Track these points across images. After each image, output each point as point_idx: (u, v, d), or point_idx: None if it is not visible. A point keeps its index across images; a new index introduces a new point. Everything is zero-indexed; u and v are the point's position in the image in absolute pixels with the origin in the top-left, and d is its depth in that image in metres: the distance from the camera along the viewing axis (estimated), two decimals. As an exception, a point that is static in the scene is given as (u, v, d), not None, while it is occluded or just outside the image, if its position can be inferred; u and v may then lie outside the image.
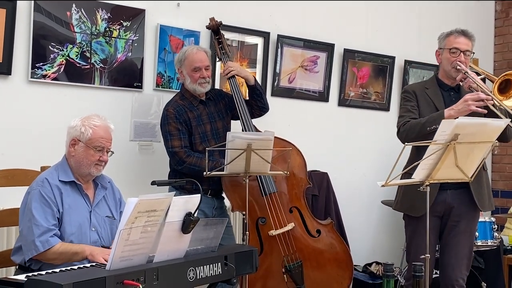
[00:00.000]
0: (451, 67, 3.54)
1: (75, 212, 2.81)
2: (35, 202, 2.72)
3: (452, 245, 3.50)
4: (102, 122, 2.90)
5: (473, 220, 3.58)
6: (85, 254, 2.69)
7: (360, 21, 5.19)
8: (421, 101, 3.57)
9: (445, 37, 3.62)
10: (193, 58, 3.69)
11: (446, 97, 3.58)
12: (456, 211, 3.49)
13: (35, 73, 3.60)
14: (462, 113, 3.31)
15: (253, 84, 3.86)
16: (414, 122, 3.44)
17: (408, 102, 3.59)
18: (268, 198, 3.71)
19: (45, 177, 2.80)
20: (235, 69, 3.85)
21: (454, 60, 3.53)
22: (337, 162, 5.01)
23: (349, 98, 5.13)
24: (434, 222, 3.48)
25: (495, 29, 6.18)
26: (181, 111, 3.66)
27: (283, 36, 4.69)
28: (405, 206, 3.59)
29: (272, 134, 3.40)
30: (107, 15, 3.86)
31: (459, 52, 3.53)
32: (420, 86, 3.69)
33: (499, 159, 5.97)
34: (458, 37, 3.57)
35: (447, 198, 3.46)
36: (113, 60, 3.90)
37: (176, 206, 2.33)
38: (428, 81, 3.73)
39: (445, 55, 3.58)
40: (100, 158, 2.86)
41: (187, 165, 3.57)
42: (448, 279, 3.49)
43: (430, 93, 3.59)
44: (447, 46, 3.57)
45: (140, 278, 2.17)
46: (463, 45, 3.56)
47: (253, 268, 2.72)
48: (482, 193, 3.51)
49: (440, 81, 3.63)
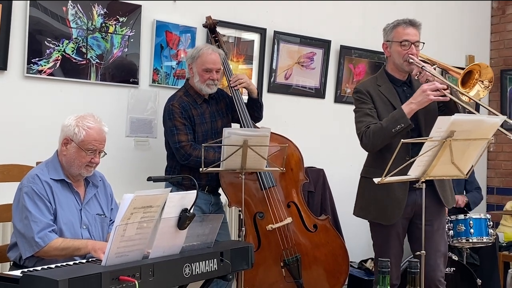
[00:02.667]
0: (403, 60, 3.34)
1: (66, 209, 2.79)
2: (29, 199, 2.69)
3: (430, 246, 3.33)
4: (96, 124, 2.84)
5: (443, 218, 3.48)
6: (88, 249, 2.68)
7: (356, 18, 5.19)
8: (377, 101, 3.38)
9: (392, 29, 3.41)
10: (207, 59, 3.67)
11: (400, 93, 3.39)
12: (427, 211, 3.28)
13: (31, 69, 3.59)
14: (422, 104, 3.18)
15: (256, 97, 3.87)
16: (376, 128, 3.27)
17: (364, 104, 3.39)
18: (268, 192, 3.72)
19: (36, 174, 2.77)
20: (245, 81, 3.84)
21: (405, 53, 3.32)
22: (333, 158, 5.01)
23: (346, 95, 5.13)
24: (404, 225, 3.39)
25: (491, 26, 6.19)
26: (186, 107, 3.65)
27: (280, 33, 4.68)
28: (375, 214, 3.43)
29: (268, 130, 3.40)
30: (103, 11, 3.85)
31: (410, 44, 3.33)
32: (372, 83, 3.47)
33: (494, 156, 5.98)
34: (406, 28, 3.36)
35: (417, 198, 3.27)
36: (109, 56, 3.89)
37: (172, 202, 2.33)
38: (379, 77, 3.50)
39: (394, 48, 3.37)
40: (91, 160, 2.82)
41: (194, 158, 3.54)
42: (430, 280, 3.35)
43: (384, 91, 3.39)
44: (396, 39, 3.36)
45: (136, 274, 2.17)
46: (413, 36, 3.34)
47: (249, 264, 2.73)
48: (446, 188, 3.39)
49: (391, 76, 3.44)
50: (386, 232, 3.38)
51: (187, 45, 4.20)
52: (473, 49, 6.02)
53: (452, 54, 5.74)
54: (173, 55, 4.17)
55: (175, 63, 4.18)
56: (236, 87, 3.80)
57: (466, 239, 4.44)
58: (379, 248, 3.48)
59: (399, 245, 3.41)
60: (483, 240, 4.50)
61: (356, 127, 3.42)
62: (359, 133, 3.39)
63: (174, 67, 4.18)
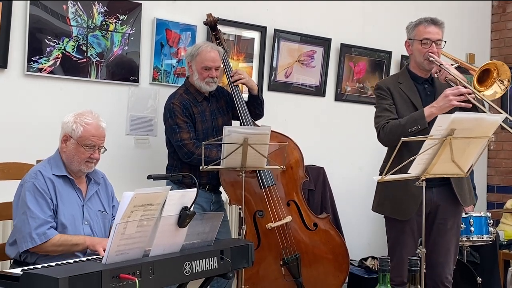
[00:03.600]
0: (424, 58, 3.39)
1: (68, 205, 2.81)
2: (30, 195, 2.71)
3: (441, 244, 3.41)
4: (93, 120, 2.86)
5: (458, 216, 3.51)
6: (85, 245, 2.71)
7: (357, 16, 5.19)
8: (396, 97, 3.42)
9: (414, 27, 3.46)
10: (206, 57, 3.66)
11: (421, 91, 3.43)
12: (442, 210, 3.40)
13: (31, 67, 3.59)
14: (443, 109, 3.18)
15: (256, 94, 3.87)
16: (394, 124, 3.30)
17: (384, 100, 3.43)
18: (267, 191, 3.72)
19: (39, 170, 2.79)
20: (245, 77, 3.84)
21: (426, 52, 3.37)
22: (333, 157, 5.01)
23: (346, 93, 5.13)
24: (419, 222, 3.42)
25: (492, 24, 6.18)
26: (187, 105, 3.65)
27: (280, 31, 4.68)
28: (390, 210, 3.45)
29: (269, 128, 3.40)
30: (104, 9, 3.85)
31: (431, 43, 3.37)
32: (393, 80, 3.52)
33: (494, 154, 5.98)
34: (428, 26, 3.40)
35: (433, 196, 3.36)
36: (109, 54, 3.89)
37: (172, 200, 2.33)
38: (401, 75, 3.56)
39: (416, 46, 3.42)
40: (91, 156, 2.84)
41: (197, 156, 3.53)
42: (438, 276, 3.42)
43: (405, 88, 3.43)
44: (417, 37, 3.41)
45: (136, 272, 2.17)
46: (434, 34, 3.39)
47: (249, 262, 2.72)
48: (463, 188, 3.41)
49: (413, 74, 3.48)
50: (401, 227, 3.39)
51: (187, 43, 4.20)
52: (473, 48, 6.01)
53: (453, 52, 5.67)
54: (173, 53, 4.17)
55: (175, 61, 4.18)
56: (235, 83, 3.80)
57: (467, 237, 4.43)
58: (392, 245, 3.51)
59: (413, 243, 3.40)
60: (484, 238, 4.50)
61: (375, 121, 3.46)
62: (377, 127, 3.42)
63: (174, 65, 4.18)
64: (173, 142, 3.63)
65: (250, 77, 4.12)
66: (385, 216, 3.56)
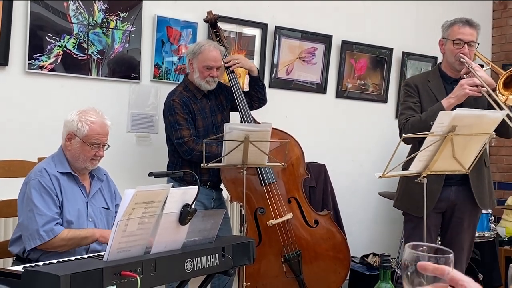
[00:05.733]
0: (455, 59, 3.38)
1: (73, 202, 2.83)
2: (36, 192, 2.72)
3: (456, 242, 3.45)
4: (98, 118, 2.89)
5: (476, 216, 3.53)
6: (95, 237, 2.75)
7: (358, 13, 5.18)
8: (423, 95, 3.43)
9: (448, 27, 3.44)
10: (208, 56, 3.65)
11: (449, 91, 3.40)
12: (460, 208, 3.42)
13: (32, 64, 3.59)
14: (460, 98, 3.22)
15: (257, 75, 3.86)
16: (415, 120, 3.31)
17: (410, 98, 3.44)
18: (268, 188, 3.72)
19: (43, 167, 2.81)
20: (240, 61, 3.84)
21: (457, 52, 3.36)
22: (334, 153, 5.01)
23: (347, 90, 5.12)
24: (437, 219, 3.44)
25: (493, 20, 6.17)
26: (187, 102, 3.64)
27: (281, 28, 4.68)
28: (407, 205, 3.50)
29: (270, 125, 3.39)
30: (104, 6, 3.84)
31: (463, 44, 3.36)
32: (423, 79, 3.53)
33: (496, 151, 5.98)
34: (462, 27, 3.38)
35: (451, 195, 3.39)
36: (110, 51, 3.89)
37: (173, 198, 2.33)
38: (431, 73, 3.57)
39: (448, 46, 3.42)
40: (96, 154, 2.87)
41: (197, 152, 3.53)
42: None
43: (433, 87, 3.44)
44: (451, 37, 3.40)
45: (138, 269, 2.17)
46: (468, 35, 3.37)
47: (251, 259, 2.72)
48: (483, 191, 3.42)
49: (443, 73, 3.48)
50: (416, 223, 3.38)
51: (188, 40, 4.20)
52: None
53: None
54: (174, 51, 4.16)
55: (176, 58, 4.18)
56: (231, 68, 3.79)
57: (468, 234, 4.43)
58: (407, 241, 3.54)
59: (429, 240, 3.38)
60: (485, 235, 4.50)
61: (399, 119, 3.49)
62: (399, 124, 3.44)
63: (175, 63, 4.18)
64: (173, 139, 3.63)
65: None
66: (403, 213, 3.60)
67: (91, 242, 2.76)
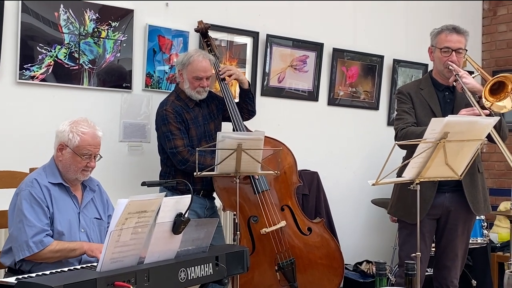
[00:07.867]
0: (444, 67, 3.40)
1: (65, 213, 2.82)
2: (26, 203, 2.71)
3: (450, 248, 3.46)
4: (90, 129, 2.87)
5: (470, 223, 3.54)
6: (83, 250, 2.73)
7: (348, 21, 5.20)
8: (416, 102, 3.45)
9: (436, 35, 3.47)
10: (198, 67, 3.64)
11: (441, 99, 3.45)
12: (454, 215, 3.42)
13: (23, 74, 3.58)
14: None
15: (248, 88, 3.86)
16: (412, 130, 3.31)
17: (404, 104, 3.47)
18: (261, 196, 3.71)
19: (34, 178, 2.79)
20: (235, 72, 3.85)
21: (446, 60, 3.39)
22: (327, 161, 5.02)
23: (339, 98, 5.13)
24: (431, 225, 3.44)
25: (483, 27, 6.22)
26: (180, 111, 3.64)
27: (272, 36, 4.69)
28: (401, 212, 3.50)
29: (263, 133, 3.40)
30: (95, 16, 3.84)
31: (451, 51, 3.38)
32: (415, 86, 3.55)
33: (487, 157, 6.00)
34: (449, 34, 3.40)
35: (445, 201, 3.40)
36: (101, 61, 3.88)
37: (166, 207, 2.32)
38: (423, 81, 3.59)
39: (437, 54, 3.45)
40: (87, 165, 2.86)
41: (191, 163, 3.51)
42: (444, 279, 3.47)
43: (425, 94, 3.46)
44: (439, 45, 3.43)
45: (131, 280, 2.16)
46: (455, 43, 3.39)
47: (244, 268, 2.72)
48: (477, 196, 3.42)
49: (435, 80, 3.50)
50: (411, 230, 3.36)
51: (180, 49, 4.20)
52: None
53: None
54: (165, 60, 4.16)
55: (168, 67, 4.18)
56: (227, 79, 3.80)
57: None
58: (401, 247, 3.54)
59: (423, 246, 3.38)
60: (478, 241, 4.51)
61: (395, 123, 3.52)
62: (396, 128, 3.47)
63: (167, 72, 4.18)
64: (166, 149, 3.62)
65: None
66: (398, 219, 3.61)
67: (79, 255, 2.75)
